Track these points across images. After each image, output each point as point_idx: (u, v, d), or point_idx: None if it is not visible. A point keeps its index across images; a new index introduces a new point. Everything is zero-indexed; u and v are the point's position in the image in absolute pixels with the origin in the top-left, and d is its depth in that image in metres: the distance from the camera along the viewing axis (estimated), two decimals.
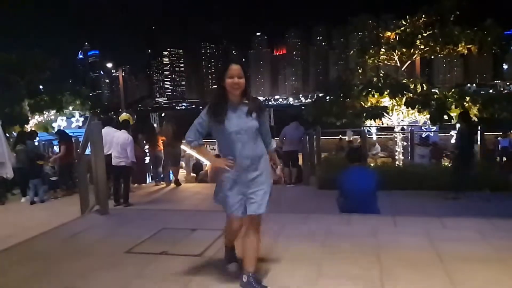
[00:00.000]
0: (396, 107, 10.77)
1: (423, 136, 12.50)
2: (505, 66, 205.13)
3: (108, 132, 6.78)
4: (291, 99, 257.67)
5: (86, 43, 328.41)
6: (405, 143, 11.36)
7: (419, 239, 3.73)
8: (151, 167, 10.19)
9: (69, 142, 8.43)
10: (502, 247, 3.43)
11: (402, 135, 11.42)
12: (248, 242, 2.76)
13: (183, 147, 9.67)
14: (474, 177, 6.83)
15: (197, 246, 3.70)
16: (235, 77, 2.64)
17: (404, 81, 11.15)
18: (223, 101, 2.71)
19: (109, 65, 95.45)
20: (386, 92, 10.42)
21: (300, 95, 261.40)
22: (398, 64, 12.22)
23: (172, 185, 9.16)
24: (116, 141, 6.88)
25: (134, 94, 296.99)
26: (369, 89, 10.60)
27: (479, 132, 8.78)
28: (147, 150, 10.07)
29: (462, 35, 10.89)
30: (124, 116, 10.01)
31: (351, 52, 15.33)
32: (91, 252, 3.79)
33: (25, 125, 12.36)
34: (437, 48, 11.27)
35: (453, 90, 11.04)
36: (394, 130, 11.66)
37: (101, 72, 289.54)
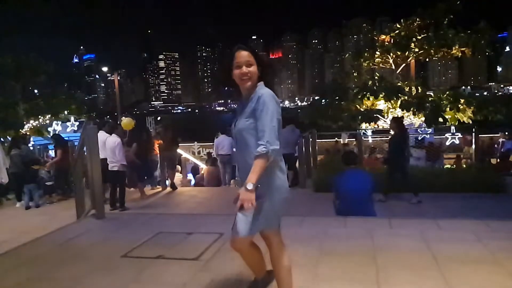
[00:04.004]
0: (391, 110, 10.84)
1: (418, 138, 12.55)
2: (499, 69, 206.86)
3: (100, 136, 6.76)
4: (287, 102, 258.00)
5: (82, 47, 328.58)
6: None
7: (415, 240, 3.75)
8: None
9: (65, 147, 8.39)
10: (497, 248, 3.45)
11: None
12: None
13: (179, 150, 9.65)
14: (406, 180, 6.89)
15: (193, 249, 3.70)
16: (243, 66, 2.18)
17: (399, 84, 11.23)
18: (239, 98, 2.31)
19: (105, 69, 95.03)
20: (381, 95, 10.49)
21: (296, 98, 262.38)
22: (393, 67, 12.29)
23: (168, 188, 9.14)
24: (107, 146, 6.89)
25: (130, 98, 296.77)
26: (364, 92, 10.67)
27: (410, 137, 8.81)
28: None
29: (456, 38, 10.98)
30: (125, 120, 9.93)
31: (347, 55, 15.43)
32: (87, 256, 3.79)
33: (20, 130, 12.31)
34: (432, 51, 11.34)
35: (447, 92, 11.13)
36: (390, 132, 11.71)
37: (97, 76, 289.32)
